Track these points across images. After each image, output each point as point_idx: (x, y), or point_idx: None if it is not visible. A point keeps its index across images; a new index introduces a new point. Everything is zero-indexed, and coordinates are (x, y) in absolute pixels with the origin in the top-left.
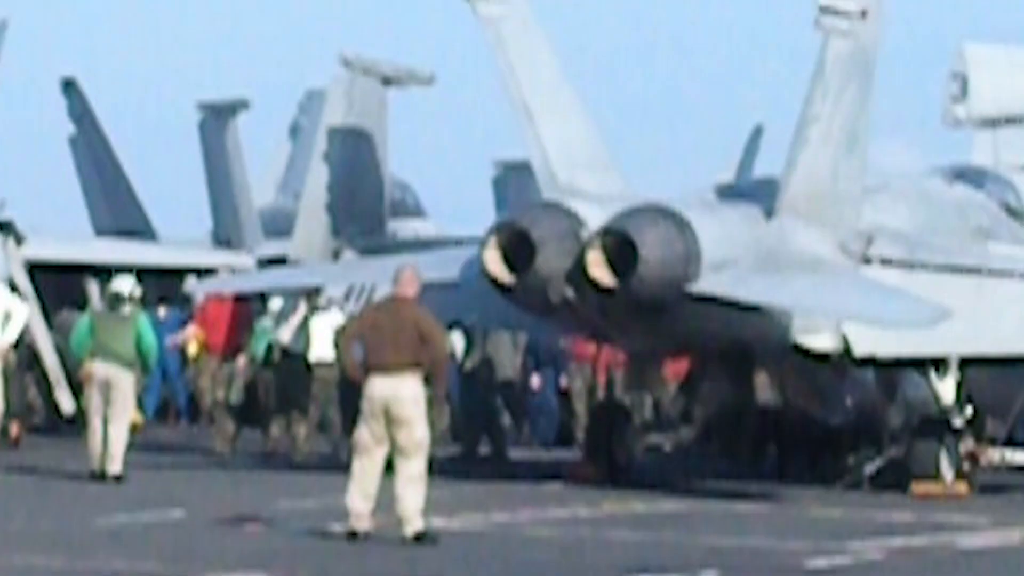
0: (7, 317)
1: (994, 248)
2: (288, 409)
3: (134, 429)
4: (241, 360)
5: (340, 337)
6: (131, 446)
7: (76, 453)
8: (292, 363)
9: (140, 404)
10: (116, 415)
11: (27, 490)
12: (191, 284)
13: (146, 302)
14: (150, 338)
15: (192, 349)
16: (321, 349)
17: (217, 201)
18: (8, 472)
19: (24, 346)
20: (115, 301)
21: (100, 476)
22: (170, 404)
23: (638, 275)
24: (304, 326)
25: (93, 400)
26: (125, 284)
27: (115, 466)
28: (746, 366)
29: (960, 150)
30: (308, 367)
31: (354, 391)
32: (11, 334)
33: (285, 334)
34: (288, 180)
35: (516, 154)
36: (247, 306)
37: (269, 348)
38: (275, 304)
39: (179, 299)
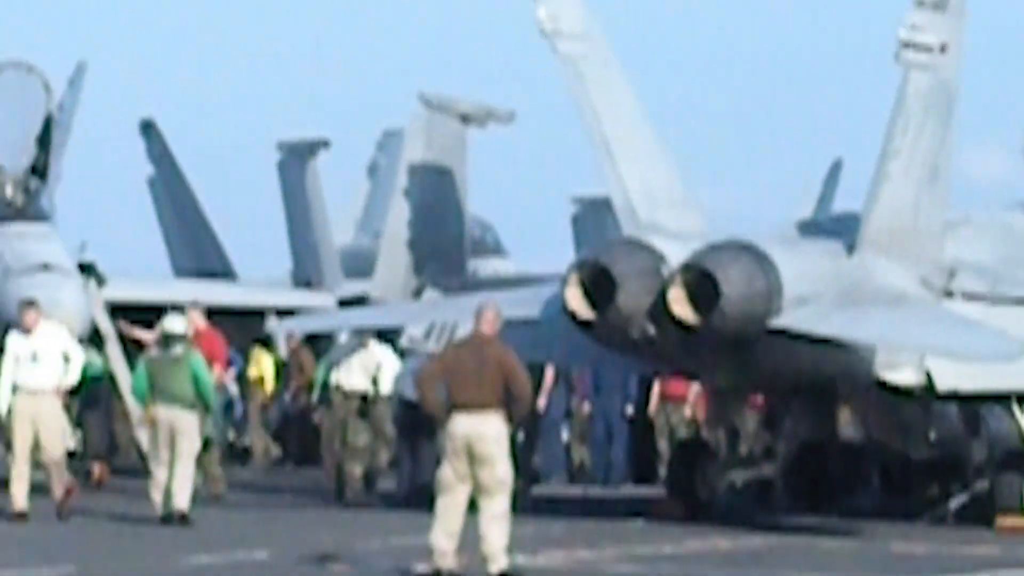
0: (66, 359)
1: None
2: (345, 447)
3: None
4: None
5: (422, 376)
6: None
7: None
8: (348, 402)
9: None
10: (182, 455)
11: (111, 531)
12: (272, 324)
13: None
14: (206, 376)
15: None
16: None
17: (297, 241)
18: (92, 513)
19: (105, 387)
20: (167, 340)
21: (167, 520)
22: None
23: (720, 311)
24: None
25: (159, 444)
26: (177, 323)
27: (183, 503)
28: (829, 401)
29: None
30: (366, 405)
31: (413, 427)
32: (71, 377)
33: (344, 374)
34: (367, 219)
35: (595, 191)
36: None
37: (325, 386)
38: (340, 343)
39: (261, 340)
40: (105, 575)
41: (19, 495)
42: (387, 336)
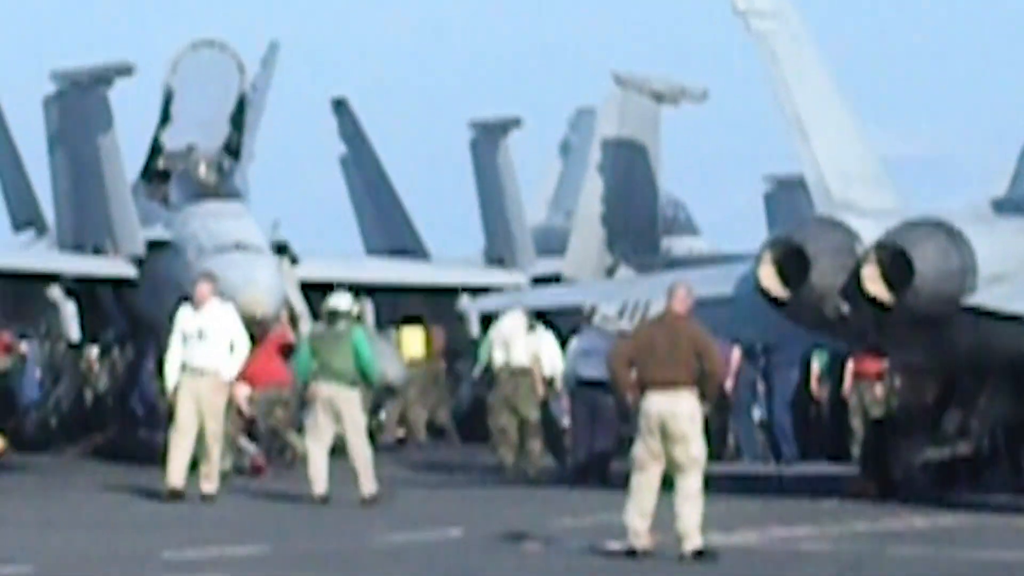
0: (232, 348)
1: None
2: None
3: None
4: None
5: (614, 354)
6: (397, 464)
7: (347, 474)
8: (515, 379)
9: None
10: (350, 435)
11: (306, 510)
12: (464, 303)
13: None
14: (367, 353)
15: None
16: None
17: (489, 219)
18: (286, 492)
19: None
20: (332, 317)
21: (324, 501)
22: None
23: (914, 289)
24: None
25: (318, 421)
26: (342, 300)
27: (368, 487)
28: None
29: None
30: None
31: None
32: (233, 367)
33: (513, 352)
34: (560, 198)
35: (788, 170)
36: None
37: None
38: (506, 321)
39: (452, 318)
40: (300, 554)
41: (176, 471)
42: (548, 319)
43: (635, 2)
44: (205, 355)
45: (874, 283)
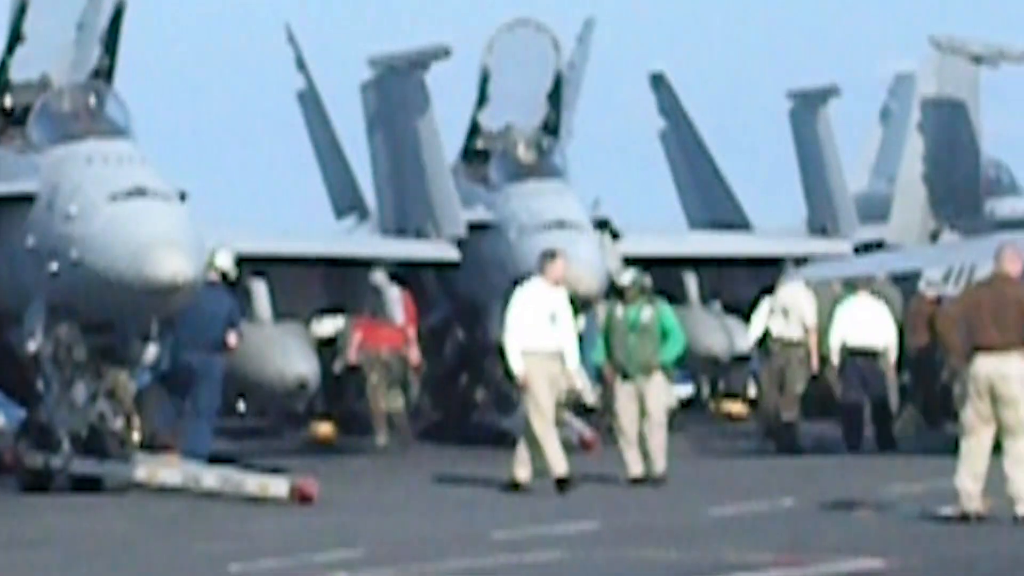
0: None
1: None
2: None
3: None
4: None
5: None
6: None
7: (676, 448)
8: (787, 350)
9: None
10: (649, 414)
11: (630, 486)
12: (790, 273)
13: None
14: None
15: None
16: None
17: (811, 188)
18: (613, 468)
19: None
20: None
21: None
22: None
23: None
24: None
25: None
26: (626, 276)
27: (659, 466)
28: None
29: None
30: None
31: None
32: (575, 351)
33: (783, 323)
34: (880, 164)
35: None
36: None
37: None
38: None
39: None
40: (631, 529)
41: (560, 458)
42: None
43: None
44: (559, 339)
45: None
